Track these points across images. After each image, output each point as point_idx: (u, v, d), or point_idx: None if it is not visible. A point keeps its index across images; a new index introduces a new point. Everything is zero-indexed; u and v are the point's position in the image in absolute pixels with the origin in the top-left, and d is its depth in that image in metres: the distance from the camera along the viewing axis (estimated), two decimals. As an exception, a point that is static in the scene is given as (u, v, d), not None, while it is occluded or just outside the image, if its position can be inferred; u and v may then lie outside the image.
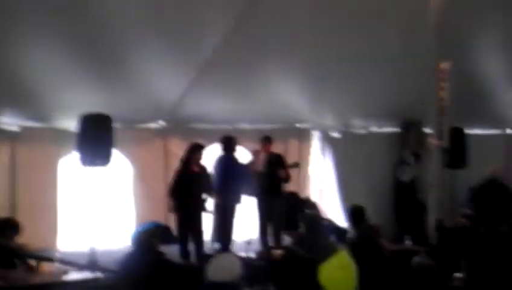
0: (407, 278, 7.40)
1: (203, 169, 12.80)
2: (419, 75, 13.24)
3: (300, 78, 14.15)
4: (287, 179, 13.61)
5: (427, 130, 14.70)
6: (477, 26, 14.17)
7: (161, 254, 8.40)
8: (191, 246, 12.64)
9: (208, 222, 13.01)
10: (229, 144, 13.16)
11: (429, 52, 12.70)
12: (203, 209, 12.75)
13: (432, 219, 12.82)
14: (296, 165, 14.21)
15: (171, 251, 9.62)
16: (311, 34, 12.86)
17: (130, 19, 11.52)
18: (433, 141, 13.16)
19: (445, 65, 12.72)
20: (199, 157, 12.76)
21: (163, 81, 12.99)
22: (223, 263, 6.45)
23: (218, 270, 6.31)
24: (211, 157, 13.41)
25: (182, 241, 12.53)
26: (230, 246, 12.77)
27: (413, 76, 13.72)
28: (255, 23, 12.10)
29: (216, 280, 6.25)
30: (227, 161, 13.11)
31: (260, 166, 13.22)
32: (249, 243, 11.92)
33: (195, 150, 12.72)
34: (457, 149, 14.15)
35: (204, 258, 11.59)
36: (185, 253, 12.43)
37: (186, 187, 12.49)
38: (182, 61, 12.70)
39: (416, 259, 8.77)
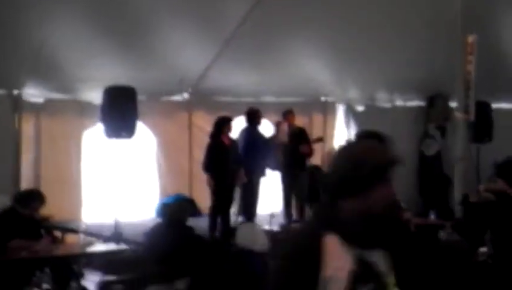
0: (434, 253, 7.37)
1: (233, 142, 12.78)
2: (445, 49, 13.11)
3: (325, 51, 14.07)
4: (309, 153, 13.57)
5: (453, 104, 14.59)
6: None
7: (191, 229, 8.39)
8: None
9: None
10: (253, 117, 13.14)
11: (455, 25, 12.59)
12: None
13: (457, 193, 12.74)
14: (320, 139, 14.18)
15: (197, 224, 9.60)
16: (334, 7, 12.76)
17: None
18: (458, 115, 13.06)
19: (471, 38, 12.61)
20: (228, 130, 12.72)
21: (188, 54, 12.97)
22: (253, 232, 6.46)
23: (248, 238, 6.30)
24: (235, 130, 13.39)
25: (213, 214, 12.53)
26: (254, 219, 12.77)
27: (439, 49, 13.59)
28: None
29: (247, 247, 6.23)
30: (252, 134, 13.10)
31: (283, 138, 13.17)
32: (272, 216, 11.92)
33: (224, 123, 12.69)
34: (483, 123, 14.07)
35: (230, 231, 11.61)
36: (214, 226, 12.44)
37: (219, 160, 12.45)
38: (206, 35, 12.67)
39: (443, 235, 8.75)
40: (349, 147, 3.63)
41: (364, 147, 3.50)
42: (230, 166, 12.54)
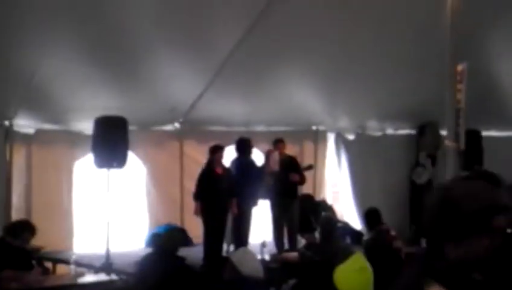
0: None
1: (226, 170, 12.74)
2: (435, 77, 13.16)
3: (315, 81, 14.12)
4: (300, 182, 13.57)
5: (443, 132, 14.62)
6: (493, 27, 14.09)
7: (182, 259, 8.36)
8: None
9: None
10: (244, 147, 13.12)
11: (445, 54, 12.65)
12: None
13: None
14: (310, 167, 14.18)
15: (188, 254, 9.59)
16: (326, 37, 12.81)
17: (146, 23, 11.52)
18: (449, 143, 13.09)
19: (461, 67, 12.66)
20: (220, 158, 12.69)
21: (179, 84, 13.00)
22: (251, 258, 6.42)
23: (249, 264, 6.25)
24: (226, 159, 13.39)
25: (208, 243, 12.46)
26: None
27: (429, 78, 13.63)
28: (269, 26, 12.05)
29: (243, 272, 6.18)
30: (243, 163, 13.08)
31: (274, 167, 13.17)
32: (263, 245, 11.91)
33: (216, 151, 12.66)
34: (473, 151, 14.11)
35: (222, 261, 11.56)
36: (209, 255, 12.37)
37: (211, 189, 12.41)
38: (197, 65, 12.70)
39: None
40: (454, 188, 3.24)
41: (473, 188, 3.10)
42: (222, 195, 12.49)
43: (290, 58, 13.18)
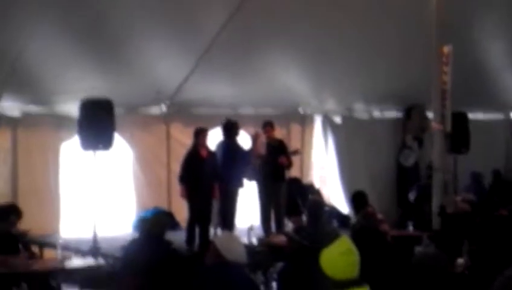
0: (410, 264, 7.38)
1: (211, 153, 12.69)
2: (421, 60, 13.19)
3: (302, 63, 14.12)
4: (288, 165, 13.57)
5: (430, 114, 14.67)
6: (479, 9, 14.13)
7: (169, 243, 8.34)
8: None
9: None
10: (231, 129, 13.08)
11: (431, 36, 12.67)
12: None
13: (434, 204, 12.80)
14: (296, 152, 14.16)
15: (174, 237, 9.58)
16: (313, 19, 12.82)
17: (132, 5, 11.49)
18: (435, 126, 13.13)
19: (447, 49, 12.69)
20: (205, 141, 12.62)
21: (165, 66, 12.97)
22: (232, 241, 6.40)
23: (232, 249, 6.24)
24: (213, 141, 13.35)
25: (191, 227, 12.45)
26: (233, 231, 12.72)
27: (415, 60, 13.67)
28: (255, 8, 12.05)
29: (227, 258, 6.17)
30: (229, 146, 13.06)
31: (261, 150, 13.15)
32: (250, 229, 11.91)
33: (200, 134, 12.60)
34: (459, 134, 14.14)
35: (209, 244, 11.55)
36: (191, 239, 12.37)
37: (196, 172, 12.38)
38: (183, 47, 12.68)
39: (420, 246, 8.77)
40: None
41: None
42: (207, 178, 12.46)
43: (277, 40, 13.17)
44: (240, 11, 12.12)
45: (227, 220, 12.79)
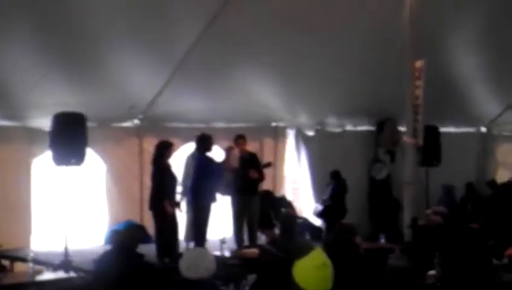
0: (382, 277, 7.42)
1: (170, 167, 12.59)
2: (394, 74, 13.28)
3: (275, 77, 14.16)
4: (259, 179, 13.57)
5: (402, 128, 14.76)
6: (450, 25, 14.25)
7: (141, 256, 8.32)
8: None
9: (181, 221, 12.89)
10: (204, 143, 13.06)
11: (403, 51, 12.76)
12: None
13: (406, 216, 12.87)
14: (269, 165, 14.17)
15: (147, 250, 9.55)
16: (285, 34, 12.86)
17: (106, 18, 11.47)
18: (407, 139, 13.22)
19: (419, 63, 12.78)
20: (169, 154, 12.52)
21: (138, 80, 12.95)
22: (196, 259, 6.40)
23: (191, 267, 6.26)
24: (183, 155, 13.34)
25: (161, 241, 12.37)
26: (205, 244, 12.69)
27: (388, 74, 13.76)
28: (228, 22, 12.07)
29: (190, 276, 6.21)
30: (202, 160, 13.04)
31: (234, 164, 13.15)
32: (223, 241, 11.90)
33: (166, 148, 12.48)
34: (431, 147, 14.24)
35: (179, 257, 11.50)
36: (163, 252, 12.30)
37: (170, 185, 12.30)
38: (156, 61, 12.67)
39: (390, 259, 8.81)
40: None
41: None
42: (174, 191, 12.42)
43: (249, 55, 13.21)
44: (213, 26, 12.14)
45: (199, 235, 12.76)
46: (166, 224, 12.23)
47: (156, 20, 11.81)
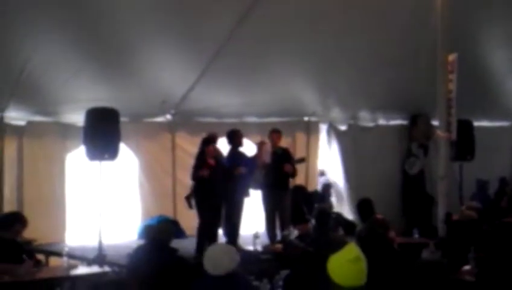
0: (416, 272, 7.38)
1: (218, 161, 12.63)
2: (427, 68, 13.18)
3: (308, 72, 14.12)
4: (293, 174, 13.56)
5: (435, 122, 14.65)
6: (484, 17, 14.11)
7: (174, 250, 8.34)
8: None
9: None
10: (234, 138, 13.09)
11: (436, 44, 12.67)
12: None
13: (440, 211, 12.78)
14: (302, 160, 14.15)
15: (181, 246, 9.56)
16: (318, 28, 12.81)
17: (138, 14, 11.50)
18: (440, 134, 13.12)
19: (452, 57, 12.68)
20: (212, 150, 12.57)
21: (170, 75, 12.98)
22: (216, 255, 6.40)
23: (212, 263, 6.27)
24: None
25: (202, 236, 12.41)
26: (238, 240, 12.70)
27: (420, 69, 13.65)
28: (261, 17, 12.05)
29: (213, 273, 6.22)
30: (234, 155, 13.06)
31: (266, 159, 13.15)
32: (256, 236, 11.89)
33: (208, 143, 12.58)
34: (464, 141, 14.11)
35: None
36: (202, 248, 12.34)
37: (206, 181, 12.33)
38: (188, 56, 12.68)
39: (424, 254, 8.77)
40: None
41: None
42: (216, 187, 12.45)
43: (283, 50, 13.17)
44: (245, 21, 12.12)
45: (232, 229, 12.78)
46: (208, 219, 12.30)
47: (188, 15, 11.81)
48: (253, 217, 13.57)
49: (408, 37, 13.47)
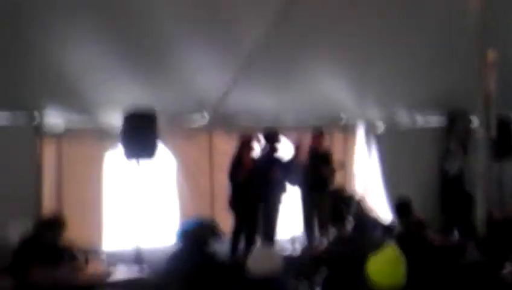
0: (457, 272, 7.31)
1: (255, 163, 12.68)
2: (464, 64, 13.07)
3: (344, 71, 14.06)
4: (330, 177, 13.55)
5: (474, 120, 14.52)
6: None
7: (212, 253, 8.34)
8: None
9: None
10: (271, 137, 13.12)
11: (475, 40, 12.55)
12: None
13: (480, 211, 12.66)
14: (341, 165, 14.14)
15: (219, 247, 9.57)
16: (354, 26, 12.76)
17: (173, 14, 11.52)
18: (480, 132, 12.99)
19: (490, 54, 12.56)
20: (249, 151, 12.64)
21: (207, 76, 12.98)
22: (262, 256, 6.41)
23: (257, 264, 6.27)
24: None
25: (235, 236, 12.45)
26: (275, 241, 12.70)
27: (458, 65, 13.54)
28: (296, 16, 12.02)
29: (256, 273, 6.21)
30: (270, 155, 13.08)
31: (303, 159, 13.14)
32: (293, 240, 11.89)
33: (245, 144, 12.66)
34: (504, 140, 13.98)
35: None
36: (235, 248, 12.37)
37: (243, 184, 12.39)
38: (225, 56, 12.68)
39: (465, 254, 8.71)
40: None
41: None
42: (252, 188, 12.49)
43: (318, 49, 13.13)
44: (279, 21, 12.10)
45: (269, 228, 12.79)
46: (242, 222, 12.34)
47: (223, 16, 11.82)
48: (291, 219, 13.54)
49: (445, 34, 13.37)
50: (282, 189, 13.06)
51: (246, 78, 13.16)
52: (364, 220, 9.46)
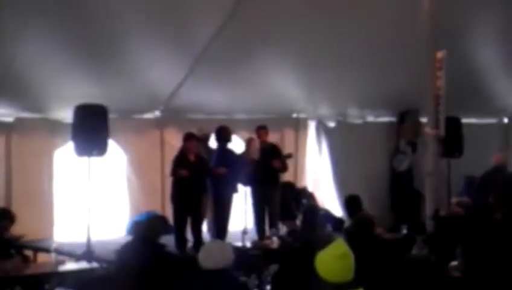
0: (404, 267, 7.41)
1: (199, 157, 12.70)
2: (415, 65, 13.20)
3: (296, 68, 14.12)
4: (282, 169, 13.60)
5: (424, 119, 14.69)
6: (472, 15, 14.15)
7: (162, 247, 8.36)
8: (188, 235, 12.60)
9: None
10: (223, 134, 13.14)
11: (424, 41, 12.69)
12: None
13: (428, 207, 12.82)
14: (289, 156, 14.20)
15: (168, 241, 9.59)
16: (306, 24, 12.83)
17: (125, 10, 11.48)
18: (429, 131, 13.15)
19: (440, 54, 12.71)
20: (193, 146, 12.65)
21: (159, 72, 12.96)
22: (213, 250, 6.46)
23: (209, 258, 6.32)
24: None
25: (179, 230, 12.46)
26: (226, 236, 12.73)
27: (409, 65, 13.67)
28: (250, 13, 12.06)
29: (208, 267, 6.26)
30: (222, 152, 13.10)
31: (255, 155, 13.17)
32: (244, 232, 11.91)
33: (186, 139, 12.67)
34: (453, 138, 14.15)
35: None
36: (181, 242, 12.37)
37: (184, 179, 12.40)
38: (178, 52, 12.67)
39: (413, 250, 8.82)
40: None
41: None
42: (194, 183, 12.52)
43: (271, 46, 13.18)
44: (234, 18, 12.13)
45: (220, 225, 12.81)
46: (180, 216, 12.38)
47: (177, 11, 11.81)
48: (241, 213, 13.58)
49: (396, 35, 13.50)
50: (233, 189, 13.10)
51: (197, 74, 13.16)
52: (315, 214, 9.52)
